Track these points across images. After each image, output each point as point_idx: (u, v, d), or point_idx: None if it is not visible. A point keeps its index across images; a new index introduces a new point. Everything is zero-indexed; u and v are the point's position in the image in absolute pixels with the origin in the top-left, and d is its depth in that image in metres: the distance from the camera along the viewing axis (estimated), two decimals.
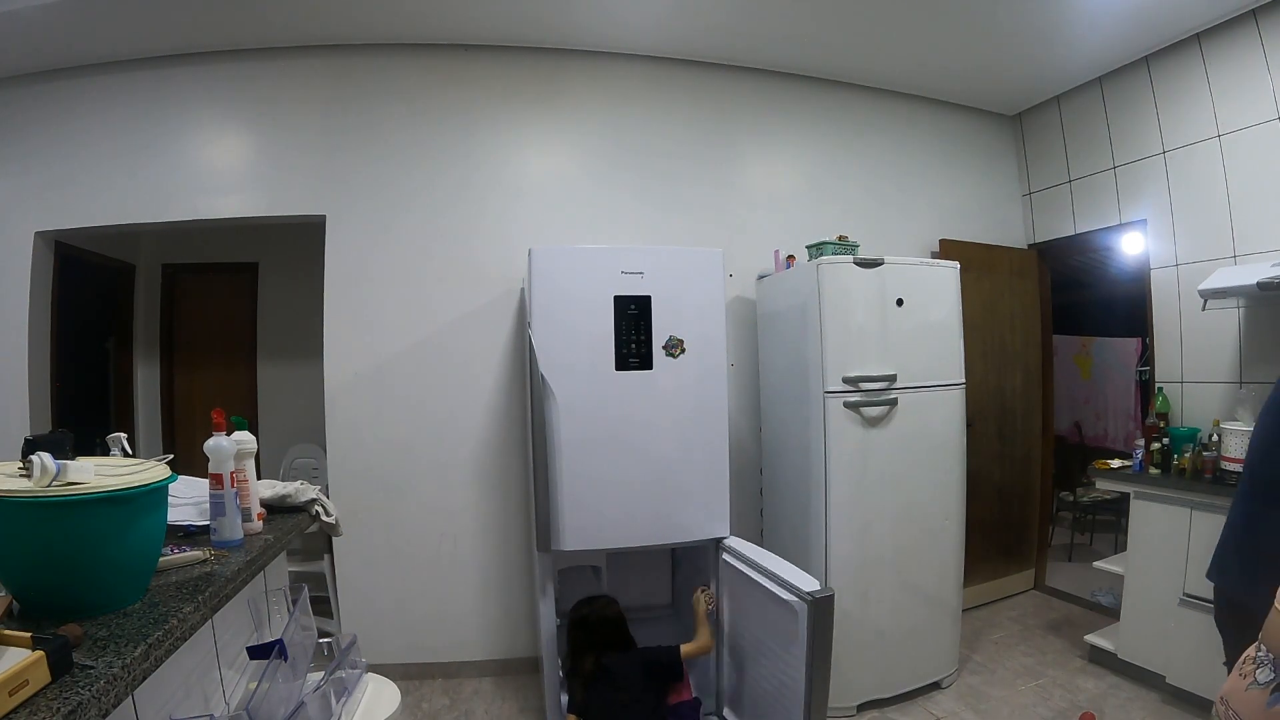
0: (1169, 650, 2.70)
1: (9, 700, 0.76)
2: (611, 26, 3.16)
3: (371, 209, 3.17)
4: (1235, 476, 2.58)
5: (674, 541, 2.61)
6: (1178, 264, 3.21)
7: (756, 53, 3.44)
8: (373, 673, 1.75)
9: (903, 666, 2.81)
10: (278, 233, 3.80)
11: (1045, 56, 3.40)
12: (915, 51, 3.38)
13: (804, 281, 2.81)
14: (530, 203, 3.28)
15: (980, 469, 3.61)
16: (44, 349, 3.16)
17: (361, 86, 3.19)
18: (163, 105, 3.10)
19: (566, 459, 2.47)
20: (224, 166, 3.17)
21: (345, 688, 1.59)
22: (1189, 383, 3.16)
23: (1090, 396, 5.80)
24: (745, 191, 3.56)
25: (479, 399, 3.19)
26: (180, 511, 1.61)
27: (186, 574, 1.30)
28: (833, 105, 3.71)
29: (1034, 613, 3.74)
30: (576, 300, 2.50)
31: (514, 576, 3.19)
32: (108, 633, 0.99)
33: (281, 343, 4.38)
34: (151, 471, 1.16)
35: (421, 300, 3.17)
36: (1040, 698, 2.80)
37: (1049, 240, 4.00)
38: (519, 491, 3.20)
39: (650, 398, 2.53)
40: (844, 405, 2.68)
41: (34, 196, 3.05)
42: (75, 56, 3.03)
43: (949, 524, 2.89)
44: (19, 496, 1.00)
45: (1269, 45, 2.80)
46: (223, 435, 1.54)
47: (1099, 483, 3.15)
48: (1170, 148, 3.24)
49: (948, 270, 2.93)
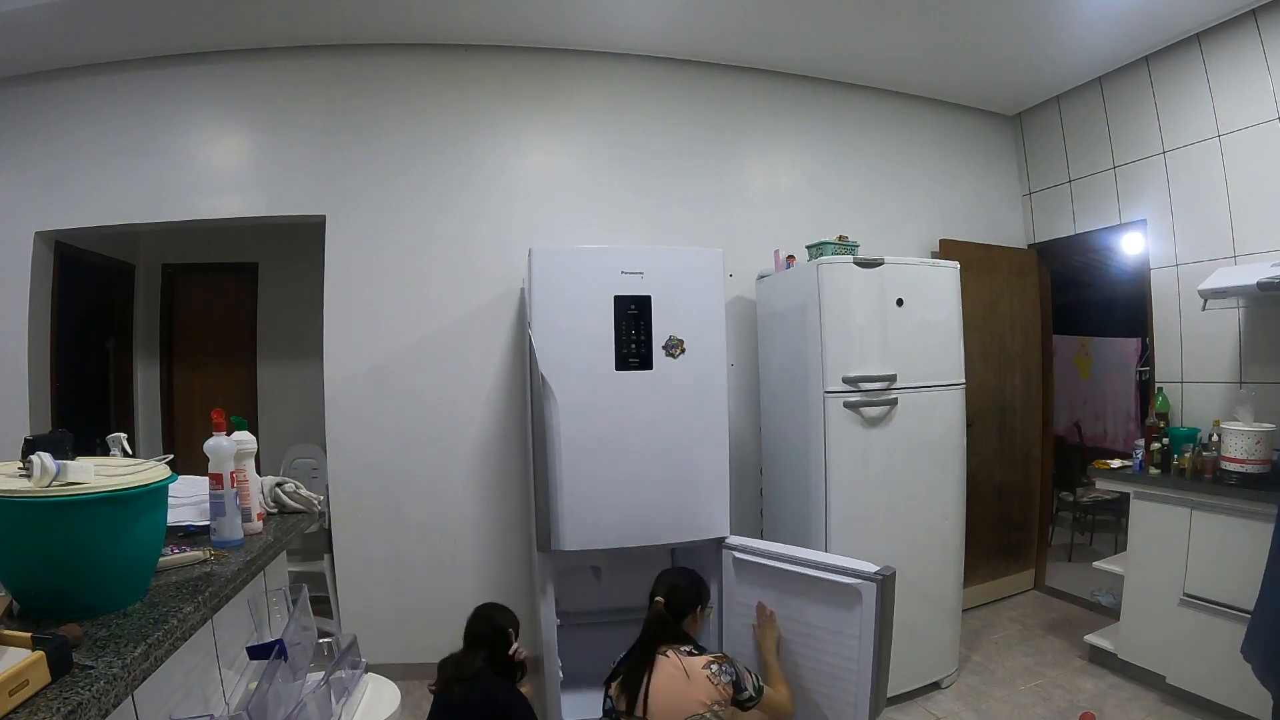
0: (1169, 650, 2.70)
1: (9, 700, 0.76)
2: (611, 27, 3.16)
3: (371, 209, 3.17)
4: (1235, 476, 2.59)
5: (674, 541, 2.61)
6: (1178, 264, 3.21)
7: (757, 53, 3.44)
8: (373, 673, 1.75)
9: (902, 666, 2.79)
10: (278, 233, 3.80)
11: (1045, 56, 3.40)
12: (915, 51, 3.38)
13: (804, 281, 2.81)
14: (530, 202, 3.28)
15: (980, 469, 3.61)
16: (44, 349, 3.16)
17: (361, 86, 3.19)
18: (163, 105, 3.10)
19: (567, 459, 2.47)
20: (224, 166, 3.17)
21: (345, 688, 1.59)
22: (1189, 383, 3.16)
23: (1090, 396, 5.80)
24: (745, 191, 3.56)
25: (479, 399, 3.19)
26: (180, 511, 1.61)
27: (186, 574, 1.30)
28: (833, 105, 3.71)
29: (1034, 613, 3.74)
30: (576, 300, 2.50)
31: (514, 576, 3.19)
32: (108, 633, 0.99)
33: (281, 343, 4.38)
34: (151, 471, 1.16)
35: (421, 300, 3.17)
36: (1040, 698, 2.80)
37: (1049, 240, 4.00)
38: (519, 491, 3.19)
39: (650, 398, 2.53)
40: (844, 405, 2.68)
41: (34, 196, 3.05)
42: (75, 56, 3.03)
43: (949, 524, 2.89)
44: (19, 496, 1.00)
45: (1269, 45, 2.80)
46: (223, 435, 1.54)
47: (1099, 483, 3.15)
48: (1170, 148, 3.23)
49: (948, 270, 2.93)
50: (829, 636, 2.22)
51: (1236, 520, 2.50)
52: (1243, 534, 2.47)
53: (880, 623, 2.08)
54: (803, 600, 2.29)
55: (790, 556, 2.36)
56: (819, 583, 2.23)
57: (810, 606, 2.27)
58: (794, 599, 2.32)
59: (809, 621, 2.28)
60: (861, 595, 2.11)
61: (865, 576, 2.12)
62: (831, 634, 2.21)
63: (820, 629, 2.25)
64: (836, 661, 2.19)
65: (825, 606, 2.23)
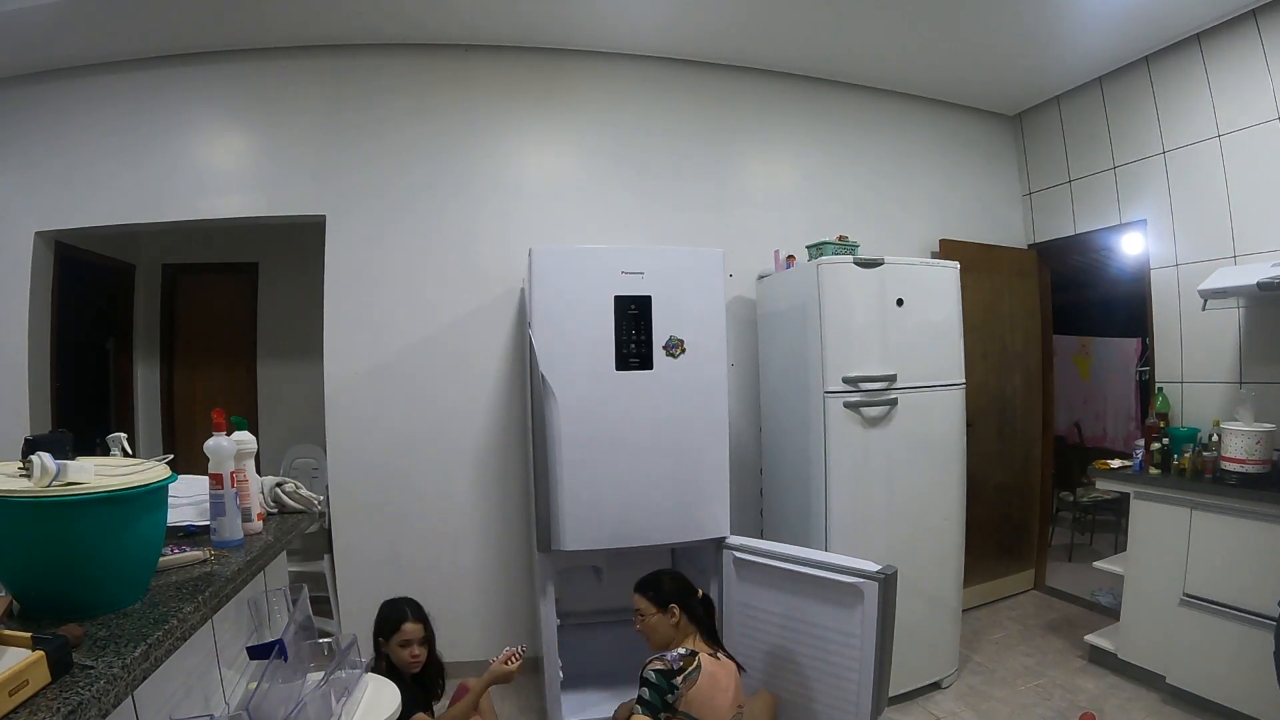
0: (1169, 650, 2.70)
1: (9, 700, 0.76)
2: (611, 27, 3.16)
3: (371, 209, 3.17)
4: (1235, 476, 2.59)
5: (675, 541, 2.61)
6: (1178, 264, 3.21)
7: (757, 53, 3.44)
8: (372, 673, 1.75)
9: (902, 666, 2.79)
10: (278, 233, 3.80)
11: (1045, 56, 3.40)
12: (916, 52, 3.38)
13: (804, 281, 2.80)
14: (530, 202, 3.28)
15: (980, 469, 3.61)
16: (44, 349, 3.16)
17: (361, 86, 3.19)
18: (163, 105, 3.10)
19: (567, 459, 2.47)
20: (224, 166, 3.17)
21: (345, 688, 1.59)
22: (1189, 383, 3.16)
23: (1090, 396, 5.80)
24: (745, 191, 3.56)
25: (479, 399, 3.19)
26: (180, 511, 1.61)
27: (186, 574, 1.30)
28: (833, 105, 3.71)
29: (1034, 613, 3.74)
30: (577, 300, 2.50)
31: (514, 576, 3.19)
32: (108, 633, 0.99)
33: (281, 343, 4.38)
34: (151, 471, 1.16)
35: (422, 300, 3.17)
36: (1040, 698, 2.80)
37: (1049, 240, 4.00)
38: (519, 491, 3.19)
39: (651, 398, 2.53)
40: (844, 405, 2.68)
41: (34, 196, 3.05)
42: (75, 56, 3.03)
43: (949, 524, 2.89)
44: (19, 496, 1.00)
45: (1269, 45, 2.80)
46: (223, 435, 1.54)
47: (1099, 483, 3.15)
48: (1170, 148, 3.23)
49: (948, 270, 2.93)
50: (830, 636, 2.23)
51: (1237, 520, 2.49)
52: (1243, 534, 2.47)
53: (882, 621, 2.10)
54: (804, 600, 2.30)
55: (791, 556, 2.37)
56: (820, 582, 2.24)
57: (811, 606, 2.28)
58: (795, 599, 2.33)
59: (810, 621, 2.29)
60: (863, 594, 2.12)
61: (867, 575, 2.13)
62: (833, 633, 2.22)
63: (821, 629, 2.26)
64: (837, 661, 2.20)
65: (826, 606, 2.24)
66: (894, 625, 2.14)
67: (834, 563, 2.25)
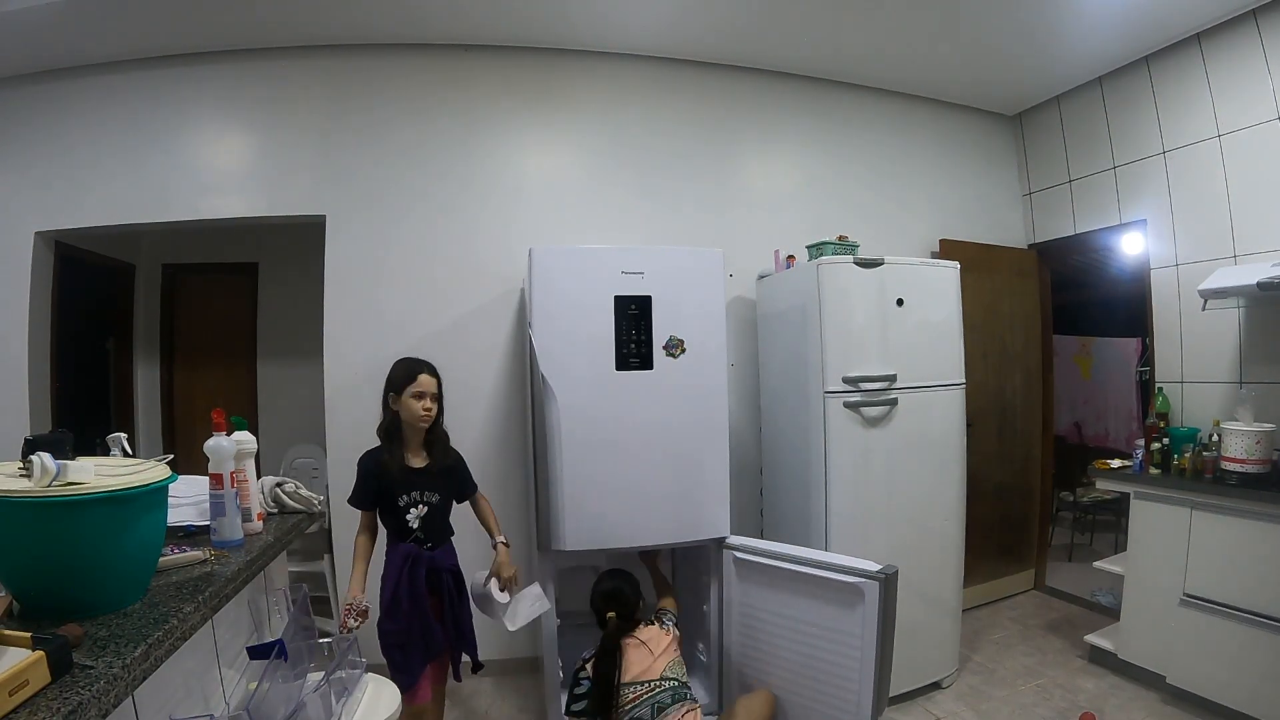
0: (1169, 650, 2.70)
1: (9, 700, 0.76)
2: (611, 27, 3.16)
3: (371, 209, 3.17)
4: (1235, 476, 2.59)
5: (675, 541, 2.60)
6: (1178, 264, 3.21)
7: (757, 53, 3.44)
8: (372, 673, 1.75)
9: (903, 666, 2.79)
10: (278, 233, 3.80)
11: (1045, 56, 3.40)
12: (915, 52, 3.38)
13: (804, 281, 2.80)
14: (530, 202, 3.28)
15: (980, 469, 3.61)
16: (44, 349, 3.16)
17: (362, 87, 3.19)
18: (163, 105, 3.10)
19: (567, 459, 2.47)
20: (224, 166, 3.17)
21: (345, 688, 1.59)
22: (1189, 383, 3.16)
23: (1090, 396, 5.80)
24: (746, 191, 3.56)
25: (479, 399, 3.19)
26: (180, 511, 1.61)
27: (186, 574, 1.30)
28: (833, 105, 3.71)
29: (1034, 613, 3.74)
30: (577, 300, 2.49)
31: None
32: (108, 633, 0.99)
33: (281, 343, 4.38)
34: (151, 471, 1.16)
35: (422, 300, 3.16)
36: (1040, 698, 2.80)
37: (1049, 240, 4.00)
38: (519, 491, 3.19)
39: (651, 398, 2.53)
40: (844, 405, 2.68)
41: (34, 196, 3.05)
42: (75, 56, 3.03)
43: (949, 524, 2.89)
44: (19, 496, 1.00)
45: (1269, 45, 2.80)
46: (223, 435, 1.54)
47: (1099, 483, 3.15)
48: (1170, 148, 3.23)
49: (948, 270, 2.93)
50: (831, 636, 2.23)
51: (1237, 520, 2.49)
52: (1243, 534, 2.47)
53: (883, 621, 2.10)
54: (804, 600, 2.30)
55: (792, 556, 2.37)
56: (821, 582, 2.24)
57: (812, 606, 2.28)
58: (795, 598, 2.33)
59: (810, 621, 2.29)
60: (864, 594, 2.12)
61: (868, 575, 2.13)
62: (833, 633, 2.22)
63: (821, 628, 2.26)
64: (838, 660, 2.20)
65: (827, 606, 2.24)
66: (894, 625, 2.14)
67: (834, 562, 2.25)
